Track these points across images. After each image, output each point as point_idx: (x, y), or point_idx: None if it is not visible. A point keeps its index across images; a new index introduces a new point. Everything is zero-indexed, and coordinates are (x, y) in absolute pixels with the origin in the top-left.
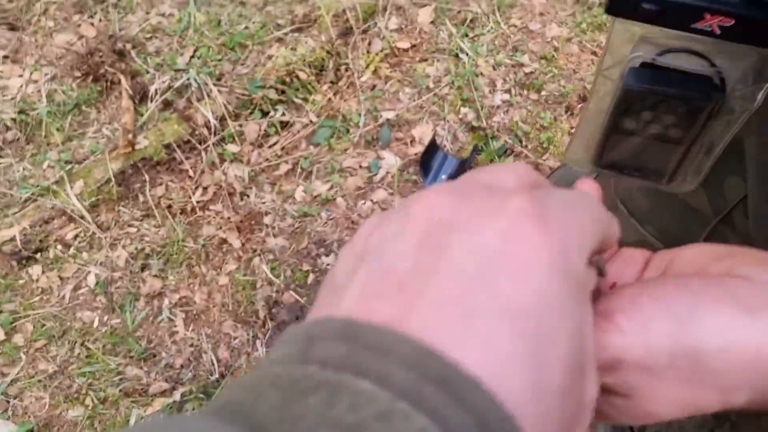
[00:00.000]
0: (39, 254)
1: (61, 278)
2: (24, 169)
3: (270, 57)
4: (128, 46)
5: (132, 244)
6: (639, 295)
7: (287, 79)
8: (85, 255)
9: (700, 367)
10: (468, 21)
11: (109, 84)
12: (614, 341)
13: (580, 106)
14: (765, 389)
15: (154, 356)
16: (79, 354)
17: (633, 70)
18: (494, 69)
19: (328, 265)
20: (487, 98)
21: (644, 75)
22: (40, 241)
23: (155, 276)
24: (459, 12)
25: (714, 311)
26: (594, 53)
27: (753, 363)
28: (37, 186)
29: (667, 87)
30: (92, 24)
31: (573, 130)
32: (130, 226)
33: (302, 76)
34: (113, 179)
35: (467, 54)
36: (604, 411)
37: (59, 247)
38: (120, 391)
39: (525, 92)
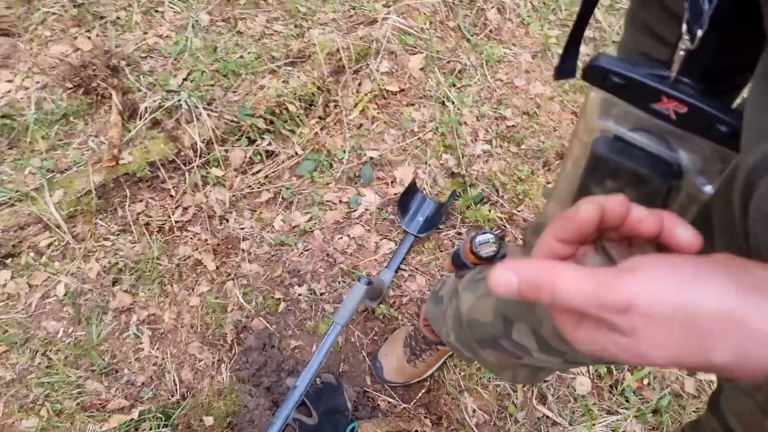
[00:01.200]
0: (10, 259)
1: (29, 285)
2: (3, 173)
3: (262, 87)
4: (123, 63)
5: (106, 257)
6: (656, 258)
7: (277, 110)
8: (57, 264)
9: (693, 323)
10: (456, 71)
11: (99, 98)
12: (630, 288)
13: (557, 162)
14: (742, 355)
15: (116, 372)
16: (39, 363)
17: (603, 139)
18: (478, 119)
19: (300, 294)
20: (468, 147)
21: (612, 146)
22: (13, 246)
23: (126, 291)
24: (449, 62)
25: (716, 281)
26: (574, 113)
27: (737, 329)
28: (16, 191)
29: (631, 161)
30: (89, 38)
31: (550, 186)
32: (105, 239)
33: (292, 108)
34: (94, 191)
35: (453, 103)
36: (609, 348)
37: (31, 254)
38: (77, 404)
39: (505, 144)
